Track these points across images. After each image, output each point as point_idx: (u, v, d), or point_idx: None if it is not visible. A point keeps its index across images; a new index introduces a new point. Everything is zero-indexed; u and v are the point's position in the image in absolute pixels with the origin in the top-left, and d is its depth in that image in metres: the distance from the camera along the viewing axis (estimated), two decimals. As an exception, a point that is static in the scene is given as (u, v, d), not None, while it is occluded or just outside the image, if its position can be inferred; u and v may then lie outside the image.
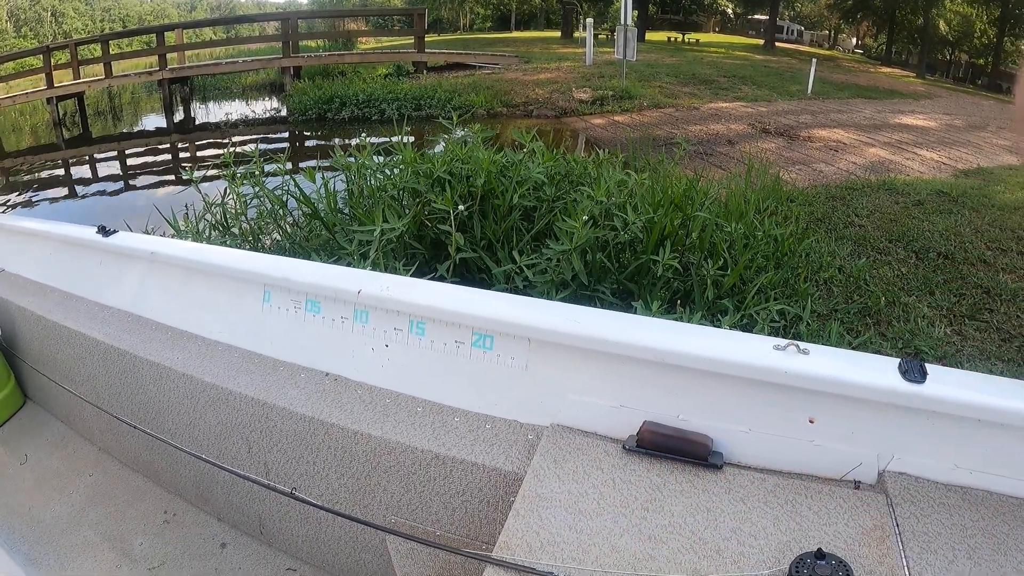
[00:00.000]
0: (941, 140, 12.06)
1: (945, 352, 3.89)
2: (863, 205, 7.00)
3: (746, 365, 1.46)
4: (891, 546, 1.24)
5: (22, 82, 19.77)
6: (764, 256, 3.79)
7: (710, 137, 11.55)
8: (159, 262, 2.39)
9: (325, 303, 2.00)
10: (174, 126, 17.45)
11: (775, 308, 3.13)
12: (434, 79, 17.19)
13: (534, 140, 3.59)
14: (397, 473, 1.70)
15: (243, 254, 2.34)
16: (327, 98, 15.53)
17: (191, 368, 2.09)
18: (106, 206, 10.38)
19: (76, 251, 2.70)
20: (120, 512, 2.36)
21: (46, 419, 2.86)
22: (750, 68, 21.56)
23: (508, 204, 3.27)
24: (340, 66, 20.38)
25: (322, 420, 1.78)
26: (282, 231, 3.69)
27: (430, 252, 3.31)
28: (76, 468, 2.57)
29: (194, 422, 2.12)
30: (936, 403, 1.36)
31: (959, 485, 1.38)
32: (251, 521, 2.19)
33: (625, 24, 15.37)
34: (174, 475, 2.37)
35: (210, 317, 2.28)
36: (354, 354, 1.95)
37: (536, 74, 17.84)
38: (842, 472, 1.45)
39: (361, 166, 3.67)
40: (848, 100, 16.99)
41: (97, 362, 2.38)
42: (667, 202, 3.56)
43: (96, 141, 16.41)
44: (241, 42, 26.24)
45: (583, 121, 13.50)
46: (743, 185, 5.64)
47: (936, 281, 4.96)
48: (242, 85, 22.38)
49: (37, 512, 2.36)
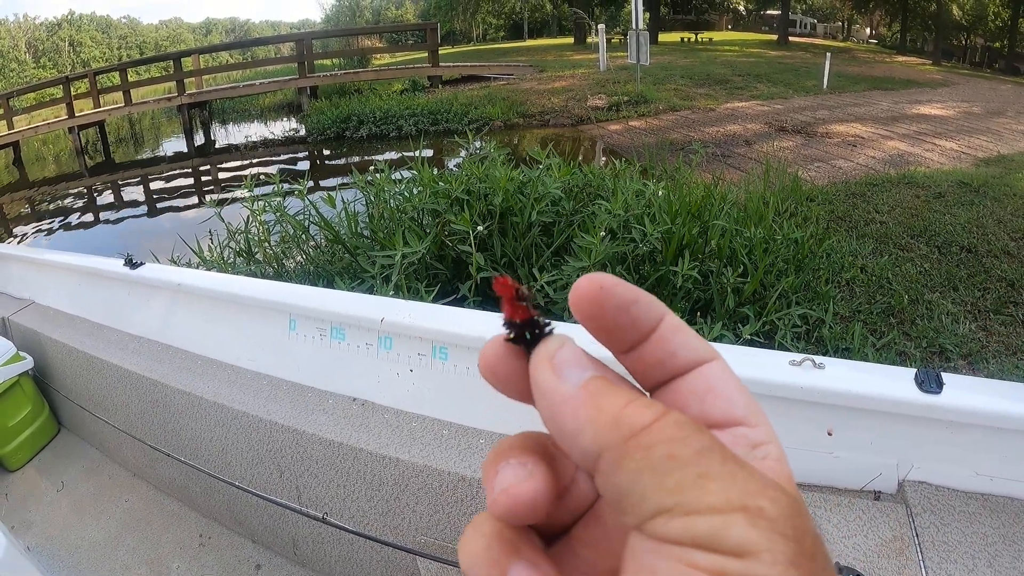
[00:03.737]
0: (960, 128, 11.94)
1: (970, 349, 3.86)
2: (883, 200, 6.95)
3: (762, 382, 1.47)
4: (910, 557, 1.25)
5: (44, 112, 20.15)
6: (784, 260, 3.79)
7: (727, 138, 11.51)
8: (186, 293, 2.45)
9: (350, 330, 2.04)
10: (195, 150, 17.67)
11: (797, 313, 3.13)
12: (450, 92, 17.27)
13: (550, 155, 3.61)
14: (426, 495, 1.73)
15: (268, 284, 2.38)
16: (345, 116, 15.66)
17: (221, 396, 2.13)
18: (131, 232, 10.54)
19: (105, 283, 2.76)
20: (156, 536, 2.41)
21: (80, 447, 2.92)
22: (765, 65, 21.44)
23: (527, 221, 3.30)
24: (356, 83, 20.55)
25: (351, 445, 1.82)
26: (305, 255, 3.75)
27: (451, 272, 3.35)
28: (111, 494, 2.63)
29: (226, 449, 2.17)
30: (953, 413, 1.36)
31: (979, 492, 1.39)
32: (285, 543, 2.23)
33: (637, 28, 15.36)
34: (208, 500, 2.42)
35: (238, 346, 2.32)
36: (380, 379, 1.99)
37: (551, 82, 17.87)
38: (862, 483, 1.46)
39: (380, 188, 3.72)
40: (865, 93, 16.86)
41: (129, 391, 2.43)
42: (685, 211, 3.57)
43: (119, 168, 16.64)
44: (257, 64, 26.47)
45: (599, 128, 13.49)
46: (761, 187, 5.63)
47: (959, 276, 4.92)
48: (260, 107, 22.63)
49: (75, 538, 2.42)
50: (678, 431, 0.24)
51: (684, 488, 0.23)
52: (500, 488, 0.28)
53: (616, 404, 0.26)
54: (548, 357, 0.29)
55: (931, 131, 11.67)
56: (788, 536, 0.22)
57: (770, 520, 0.22)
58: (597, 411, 0.26)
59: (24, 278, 3.18)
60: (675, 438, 0.24)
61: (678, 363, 0.30)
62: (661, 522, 0.23)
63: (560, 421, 0.27)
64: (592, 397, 0.27)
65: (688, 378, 0.30)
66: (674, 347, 0.30)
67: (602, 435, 0.25)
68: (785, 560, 0.21)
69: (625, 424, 0.25)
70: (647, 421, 0.25)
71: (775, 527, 0.22)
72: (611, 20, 36.67)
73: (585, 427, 0.26)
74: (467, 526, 0.29)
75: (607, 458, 0.25)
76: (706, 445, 0.24)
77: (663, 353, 0.30)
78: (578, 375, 0.28)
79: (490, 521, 0.28)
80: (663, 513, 0.23)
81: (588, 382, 0.27)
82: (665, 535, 0.22)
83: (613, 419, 0.25)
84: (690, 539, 0.22)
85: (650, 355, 0.30)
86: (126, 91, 18.93)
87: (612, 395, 0.26)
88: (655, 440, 0.24)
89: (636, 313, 0.30)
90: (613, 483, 0.25)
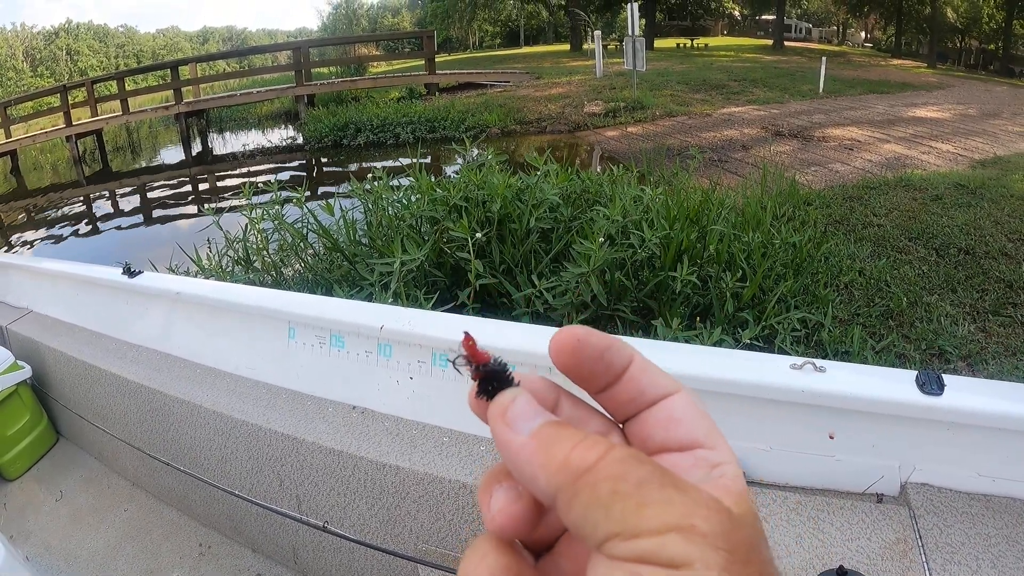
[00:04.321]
0: (956, 131, 11.97)
1: (970, 351, 3.86)
2: (881, 204, 6.97)
3: (763, 386, 1.47)
4: (914, 559, 1.25)
5: (41, 121, 20.18)
6: (783, 264, 3.80)
7: (724, 143, 11.53)
8: (184, 302, 2.45)
9: (349, 338, 2.03)
10: (192, 158, 17.72)
11: (796, 317, 3.13)
12: (447, 100, 17.32)
13: (548, 161, 3.61)
14: (426, 503, 1.72)
15: (266, 292, 2.38)
16: (342, 124, 15.68)
17: (221, 405, 2.13)
18: (129, 240, 10.55)
19: (103, 292, 2.76)
20: (156, 546, 2.40)
21: (79, 456, 2.91)
22: (760, 70, 21.53)
23: (525, 228, 3.30)
24: (353, 91, 20.60)
25: (351, 453, 1.81)
26: (303, 263, 3.74)
27: (450, 279, 3.34)
28: (110, 503, 2.62)
29: (226, 457, 2.16)
30: (955, 414, 1.36)
31: (982, 493, 1.38)
32: (285, 552, 2.22)
33: (633, 34, 15.40)
34: (208, 509, 2.41)
35: (237, 354, 2.32)
36: (379, 387, 1.98)
37: (547, 89, 17.92)
38: (864, 486, 1.46)
39: (378, 196, 3.72)
40: (860, 96, 16.93)
41: (128, 400, 2.43)
42: (683, 216, 3.58)
43: (116, 176, 16.67)
44: (254, 73, 26.47)
45: (596, 134, 13.52)
46: (759, 191, 5.64)
47: (958, 278, 4.93)
48: (257, 115, 22.67)
49: (74, 548, 2.41)
50: (620, 467, 0.28)
51: (627, 516, 0.26)
52: (496, 509, 0.32)
53: (564, 449, 0.29)
54: (501, 413, 0.32)
55: (927, 134, 11.70)
56: (719, 547, 0.25)
57: (702, 535, 0.25)
58: (548, 458, 0.29)
59: (22, 287, 3.18)
60: (616, 475, 0.27)
61: (646, 398, 0.35)
62: (611, 545, 0.26)
63: (517, 468, 0.31)
64: (542, 445, 0.30)
65: (654, 410, 0.35)
66: (643, 385, 0.35)
67: (553, 478, 0.29)
68: (717, 567, 0.24)
69: (572, 466, 0.28)
70: (591, 461, 0.28)
71: (707, 541, 0.25)
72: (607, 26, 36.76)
73: (538, 472, 0.29)
74: (467, 550, 0.33)
75: (561, 497, 0.28)
76: (644, 477, 0.27)
77: (633, 391, 0.35)
78: (528, 426, 0.31)
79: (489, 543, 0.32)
80: (612, 538, 0.26)
81: (539, 430, 0.31)
82: (616, 555, 0.26)
83: (562, 463, 0.29)
84: (636, 556, 0.25)
85: (622, 393, 0.35)
86: (123, 100, 18.98)
87: (560, 440, 0.30)
88: (599, 478, 0.27)
89: (609, 358, 0.34)
90: (570, 517, 0.28)
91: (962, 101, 16.28)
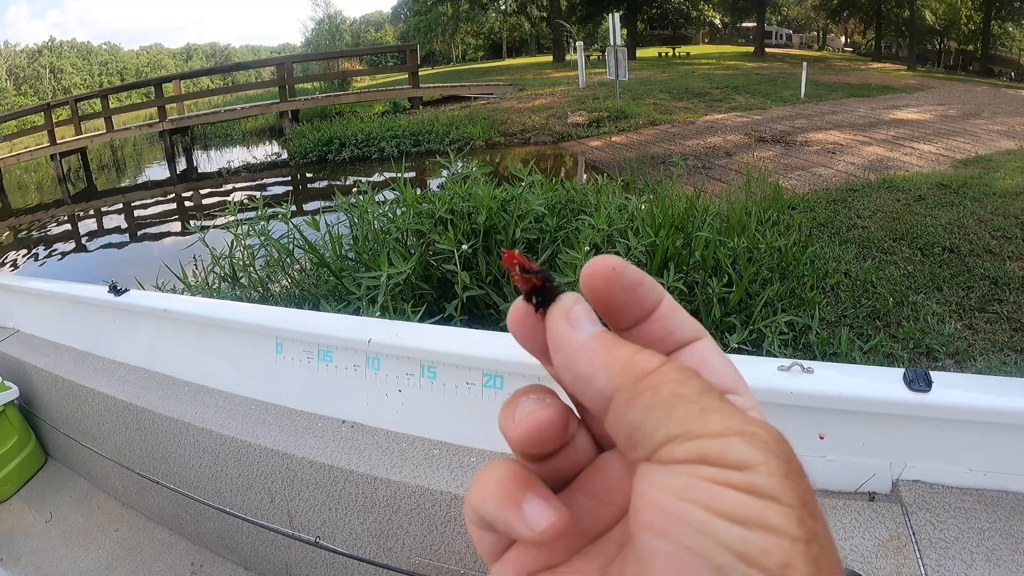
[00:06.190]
0: (937, 132, 12.09)
1: (957, 348, 3.89)
2: (865, 206, 7.02)
3: (752, 388, 1.46)
4: (908, 555, 1.25)
5: (25, 139, 20.06)
6: (769, 268, 3.81)
7: (708, 150, 11.59)
8: (172, 319, 2.43)
9: (337, 352, 2.03)
10: (177, 176, 17.63)
11: (783, 320, 3.14)
12: (431, 113, 17.35)
13: (533, 172, 3.62)
14: (418, 516, 1.72)
15: (253, 308, 2.37)
16: (326, 140, 15.67)
17: (210, 422, 2.11)
18: (115, 259, 10.49)
19: (89, 310, 2.74)
20: (147, 566, 2.37)
21: (68, 477, 2.88)
22: (742, 77, 21.69)
23: (511, 238, 3.31)
24: (337, 106, 20.60)
25: (342, 468, 1.80)
26: (290, 278, 3.73)
27: (437, 292, 3.34)
28: (101, 524, 2.59)
29: (216, 475, 2.14)
30: (944, 410, 1.37)
31: (974, 488, 1.39)
32: (277, 569, 2.21)
33: (615, 44, 15.49)
34: (199, 527, 2.39)
35: (225, 370, 2.31)
36: (368, 400, 1.98)
37: (531, 101, 17.97)
38: (856, 485, 1.46)
39: (364, 210, 3.71)
40: (842, 100, 17.08)
41: (116, 419, 2.41)
42: (668, 223, 3.59)
43: (101, 195, 16.57)
44: (238, 89, 26.44)
45: (581, 144, 13.56)
46: (743, 197, 5.66)
47: (943, 276, 4.96)
48: (242, 131, 22.61)
49: (65, 569, 2.38)
50: (681, 375, 0.28)
51: (690, 419, 0.26)
52: (523, 414, 0.32)
53: (626, 352, 0.29)
54: (564, 312, 0.32)
55: (909, 135, 11.80)
56: (780, 456, 0.25)
57: (764, 442, 0.25)
58: (610, 357, 0.29)
59: (8, 306, 3.15)
60: (679, 380, 0.27)
61: (675, 340, 0.34)
62: (670, 448, 0.26)
63: (576, 367, 0.30)
64: (604, 345, 0.30)
65: (683, 353, 0.34)
66: (672, 325, 0.34)
67: (615, 377, 0.28)
68: (780, 473, 0.24)
69: (635, 368, 0.28)
70: (654, 366, 0.28)
71: (769, 448, 0.25)
72: (589, 37, 36.95)
73: (599, 371, 0.29)
74: (479, 471, 0.32)
75: (619, 398, 0.28)
76: (706, 387, 0.27)
77: (662, 331, 0.34)
78: (590, 327, 0.31)
79: (503, 462, 0.32)
80: (672, 440, 0.26)
81: (600, 333, 0.31)
82: (675, 457, 0.25)
83: (624, 364, 0.29)
84: (697, 457, 0.25)
85: (650, 332, 0.34)
86: (107, 118, 18.90)
87: (621, 345, 0.30)
88: (662, 381, 0.27)
89: (641, 293, 0.33)
90: (625, 420, 0.28)
91: (943, 102, 16.45)
